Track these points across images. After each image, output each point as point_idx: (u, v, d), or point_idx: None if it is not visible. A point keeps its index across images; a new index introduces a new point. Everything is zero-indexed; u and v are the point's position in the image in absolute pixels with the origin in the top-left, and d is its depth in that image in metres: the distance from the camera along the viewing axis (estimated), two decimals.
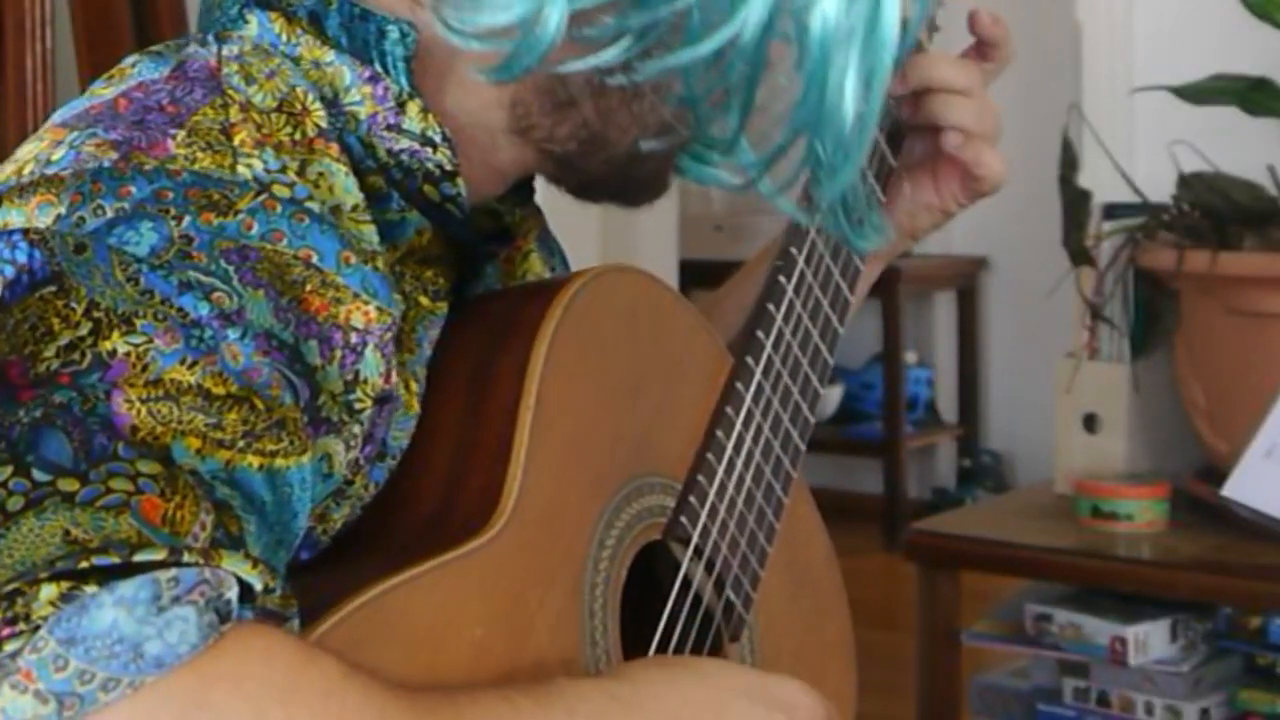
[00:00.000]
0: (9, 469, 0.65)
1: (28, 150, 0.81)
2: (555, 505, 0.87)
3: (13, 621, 0.60)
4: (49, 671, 0.60)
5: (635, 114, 0.91)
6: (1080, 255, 2.14)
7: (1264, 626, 1.96)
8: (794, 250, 1.02)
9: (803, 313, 1.01)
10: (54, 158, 0.79)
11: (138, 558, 0.62)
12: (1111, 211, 2.19)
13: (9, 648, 0.60)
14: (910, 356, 5.11)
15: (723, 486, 0.95)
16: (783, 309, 1.00)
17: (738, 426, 0.96)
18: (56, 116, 0.84)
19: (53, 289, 0.72)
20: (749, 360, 0.98)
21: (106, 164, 0.77)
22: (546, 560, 0.85)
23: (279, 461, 0.72)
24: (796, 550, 1.05)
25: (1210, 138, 2.14)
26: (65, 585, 0.61)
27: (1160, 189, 2.12)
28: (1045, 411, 2.50)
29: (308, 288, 0.78)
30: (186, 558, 0.63)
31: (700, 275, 4.80)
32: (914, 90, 1.10)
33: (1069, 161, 2.14)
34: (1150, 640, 1.93)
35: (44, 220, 0.74)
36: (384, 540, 0.84)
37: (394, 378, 0.82)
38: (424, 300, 0.90)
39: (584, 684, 0.81)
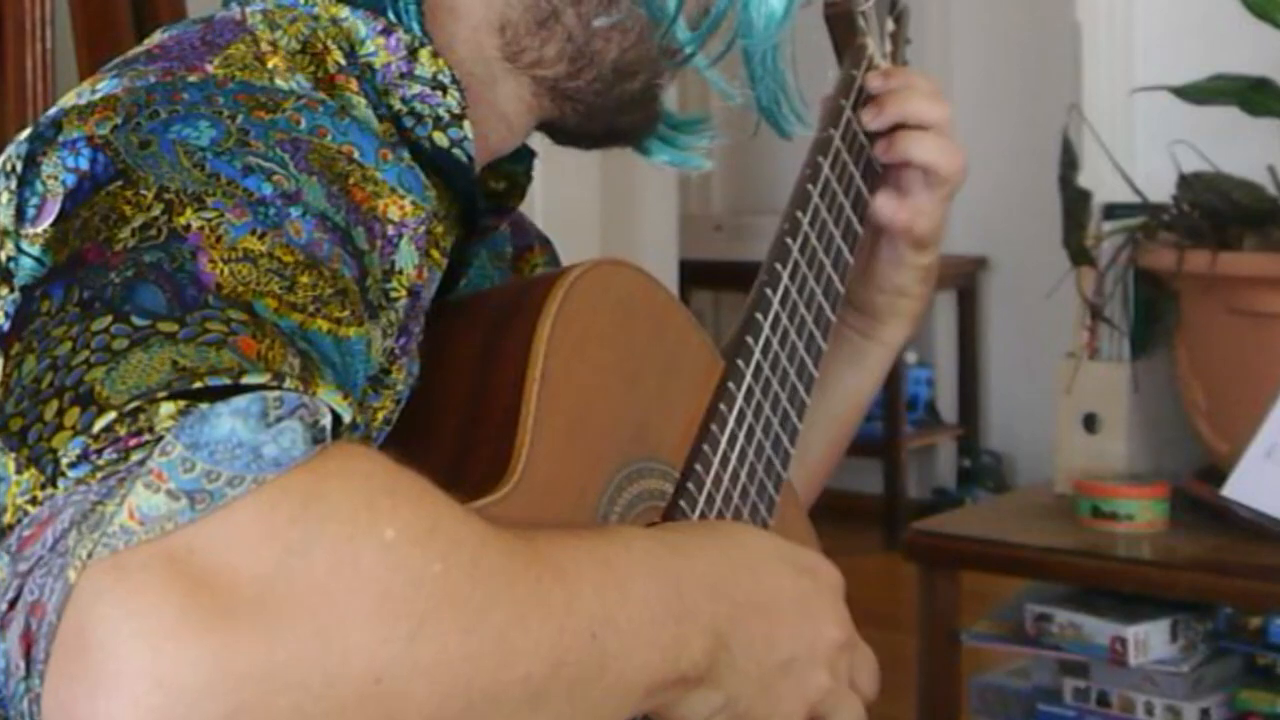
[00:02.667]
0: (109, 318, 0.70)
1: (70, 95, 0.84)
2: (560, 478, 0.88)
3: (137, 434, 0.65)
4: (178, 472, 0.64)
5: (614, 20, 0.96)
6: (1080, 255, 2.14)
7: (1264, 626, 1.96)
8: (779, 266, 1.05)
9: (789, 325, 1.04)
10: (98, 87, 0.83)
11: (244, 380, 0.67)
12: (1111, 211, 2.19)
13: (135, 456, 0.65)
14: (910, 356, 5.10)
15: (719, 478, 0.96)
16: (769, 319, 1.03)
17: (730, 424, 0.98)
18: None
19: (119, 183, 0.76)
20: (739, 363, 1.00)
21: (154, 79, 0.82)
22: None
23: (343, 330, 0.76)
24: None
25: (1210, 138, 2.13)
26: (182, 403, 0.66)
27: (1160, 189, 2.12)
28: (1045, 411, 2.50)
29: (351, 180, 0.82)
30: (288, 383, 0.68)
31: (700, 275, 4.81)
32: (889, 125, 1.13)
33: (1069, 161, 2.14)
34: (1150, 640, 1.93)
35: (104, 130, 0.79)
36: None
37: (425, 273, 0.86)
38: (433, 253, 0.92)
39: (635, 529, 0.85)
